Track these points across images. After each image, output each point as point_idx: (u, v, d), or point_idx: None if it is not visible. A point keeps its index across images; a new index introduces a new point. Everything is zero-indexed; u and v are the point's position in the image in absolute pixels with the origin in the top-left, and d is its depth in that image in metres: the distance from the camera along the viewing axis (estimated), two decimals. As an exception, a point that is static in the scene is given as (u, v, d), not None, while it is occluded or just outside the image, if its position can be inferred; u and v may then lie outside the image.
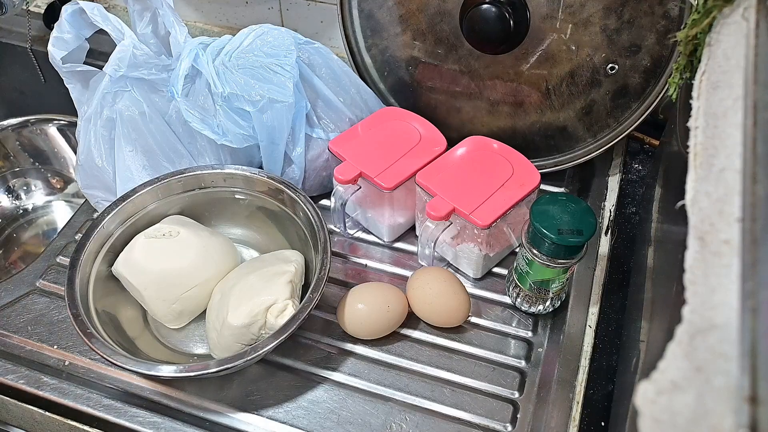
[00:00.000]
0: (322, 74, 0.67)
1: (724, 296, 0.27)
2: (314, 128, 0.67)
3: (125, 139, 0.63)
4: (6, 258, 0.83)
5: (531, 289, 0.59)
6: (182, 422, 0.55)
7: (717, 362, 0.25)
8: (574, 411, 0.55)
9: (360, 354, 0.60)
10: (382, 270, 0.67)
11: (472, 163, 0.63)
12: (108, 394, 0.57)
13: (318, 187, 0.71)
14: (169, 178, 0.62)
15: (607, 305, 0.65)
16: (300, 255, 0.61)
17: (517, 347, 0.60)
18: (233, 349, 0.55)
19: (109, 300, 0.59)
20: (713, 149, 0.34)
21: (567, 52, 0.63)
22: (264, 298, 0.55)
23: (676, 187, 0.40)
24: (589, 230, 0.53)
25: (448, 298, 0.59)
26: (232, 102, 0.62)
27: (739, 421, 0.23)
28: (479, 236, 0.60)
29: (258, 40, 0.64)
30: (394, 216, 0.66)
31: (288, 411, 0.56)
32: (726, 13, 0.40)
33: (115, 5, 0.96)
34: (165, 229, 0.60)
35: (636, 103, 0.64)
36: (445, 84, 0.70)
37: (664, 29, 0.58)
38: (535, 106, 0.68)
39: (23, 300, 0.63)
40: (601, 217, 0.69)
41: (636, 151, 0.79)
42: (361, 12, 0.69)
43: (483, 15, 0.60)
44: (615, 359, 0.62)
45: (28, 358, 0.59)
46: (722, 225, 0.30)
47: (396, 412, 0.56)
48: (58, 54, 0.63)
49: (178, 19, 0.62)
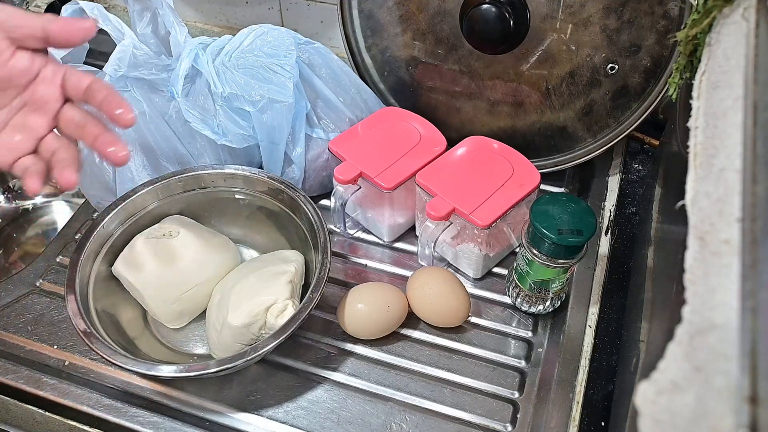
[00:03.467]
0: (322, 74, 0.67)
1: (724, 296, 0.27)
2: (314, 128, 0.67)
3: (125, 139, 0.63)
4: (6, 258, 0.83)
5: (531, 289, 0.59)
6: (182, 422, 0.55)
7: (717, 362, 0.25)
8: (574, 411, 0.55)
9: (360, 354, 0.60)
10: (382, 270, 0.67)
11: (472, 163, 0.63)
12: (108, 394, 0.57)
13: (318, 187, 0.71)
14: (169, 178, 0.62)
15: (607, 305, 0.65)
16: (300, 255, 0.61)
17: (517, 347, 0.60)
18: (233, 349, 0.55)
19: (109, 300, 0.59)
20: (713, 149, 0.34)
21: (567, 52, 0.62)
22: (264, 298, 0.55)
23: (676, 187, 0.40)
24: (589, 230, 0.53)
25: (448, 298, 0.59)
26: (232, 102, 0.62)
27: (739, 421, 0.23)
28: (479, 236, 0.60)
29: (258, 40, 0.64)
30: (394, 216, 0.66)
31: (288, 411, 0.56)
32: (726, 13, 0.40)
33: (115, 5, 0.96)
34: (165, 229, 0.60)
35: (636, 103, 0.64)
36: (445, 84, 0.70)
37: (664, 29, 0.58)
38: (535, 106, 0.68)
39: (23, 300, 0.63)
40: (601, 217, 0.69)
41: (636, 151, 0.79)
42: (361, 12, 0.69)
43: (483, 15, 0.60)
44: (615, 359, 0.62)
45: (28, 358, 0.59)
46: (722, 225, 0.30)
47: (396, 412, 0.56)
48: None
49: (178, 19, 0.62)
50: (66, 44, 0.46)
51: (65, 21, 0.45)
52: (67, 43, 0.46)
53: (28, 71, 0.46)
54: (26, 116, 0.47)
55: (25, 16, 0.45)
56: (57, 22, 0.45)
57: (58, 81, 0.47)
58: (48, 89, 0.47)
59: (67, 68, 0.48)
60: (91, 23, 0.46)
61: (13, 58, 0.45)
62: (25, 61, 0.46)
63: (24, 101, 0.47)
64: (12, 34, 0.44)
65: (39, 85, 0.47)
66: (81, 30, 0.46)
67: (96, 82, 0.47)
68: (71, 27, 0.45)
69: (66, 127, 0.48)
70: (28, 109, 0.47)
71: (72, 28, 0.45)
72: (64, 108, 0.48)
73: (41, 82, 0.47)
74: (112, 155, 0.46)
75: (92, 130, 0.47)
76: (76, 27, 0.45)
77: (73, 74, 0.48)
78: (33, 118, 0.47)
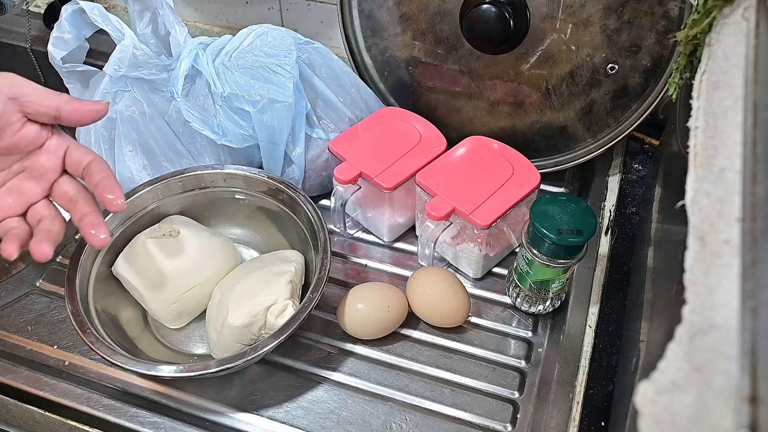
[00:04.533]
0: (322, 74, 0.67)
1: (724, 296, 0.27)
2: (314, 128, 0.67)
3: (125, 139, 0.63)
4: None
5: (531, 289, 0.59)
6: (182, 422, 0.55)
7: (717, 362, 0.25)
8: (574, 411, 0.55)
9: (360, 354, 0.60)
10: (382, 270, 0.67)
11: (472, 163, 0.63)
12: (108, 394, 0.57)
13: (318, 187, 0.71)
14: (169, 178, 0.62)
15: (607, 305, 0.64)
16: (300, 255, 0.61)
17: (517, 347, 0.60)
18: (233, 349, 0.55)
19: (109, 300, 0.59)
20: (713, 149, 0.34)
21: (567, 52, 0.62)
22: (264, 298, 0.55)
23: (676, 187, 0.40)
24: (589, 230, 0.53)
25: (448, 298, 0.59)
26: (232, 102, 0.62)
27: (739, 421, 0.23)
28: (479, 236, 0.60)
29: (258, 40, 0.64)
30: (394, 216, 0.66)
31: (288, 411, 0.56)
32: (726, 13, 0.40)
33: (115, 5, 0.96)
34: (165, 229, 0.60)
35: (636, 103, 0.64)
36: (445, 84, 0.70)
37: (664, 29, 0.58)
38: (535, 106, 0.68)
39: (23, 300, 0.63)
40: (601, 217, 0.69)
41: (636, 151, 0.79)
42: (361, 12, 0.69)
43: (483, 15, 0.60)
44: (615, 359, 0.62)
45: (28, 358, 0.59)
46: (722, 225, 0.30)
47: (396, 412, 0.56)
48: (58, 54, 0.63)
49: (178, 19, 0.62)
50: (76, 124, 0.48)
51: (79, 104, 0.47)
52: (77, 123, 0.48)
53: (34, 141, 0.48)
54: (23, 181, 0.48)
55: (43, 95, 0.46)
56: (71, 104, 0.47)
57: (60, 153, 0.49)
58: (49, 160, 0.48)
59: (71, 142, 0.49)
60: (104, 106, 0.48)
61: (23, 129, 0.47)
62: (33, 133, 0.47)
63: (24, 167, 0.48)
64: (27, 109, 0.46)
65: (42, 154, 0.48)
66: (92, 113, 0.48)
67: (96, 163, 0.48)
68: (84, 109, 0.47)
69: (58, 199, 0.49)
70: (26, 174, 0.48)
71: (84, 110, 0.47)
72: (61, 179, 0.49)
73: (44, 152, 0.48)
74: (93, 237, 0.47)
75: (82, 208, 0.48)
76: (88, 110, 0.47)
77: (76, 150, 0.49)
78: (29, 184, 0.48)
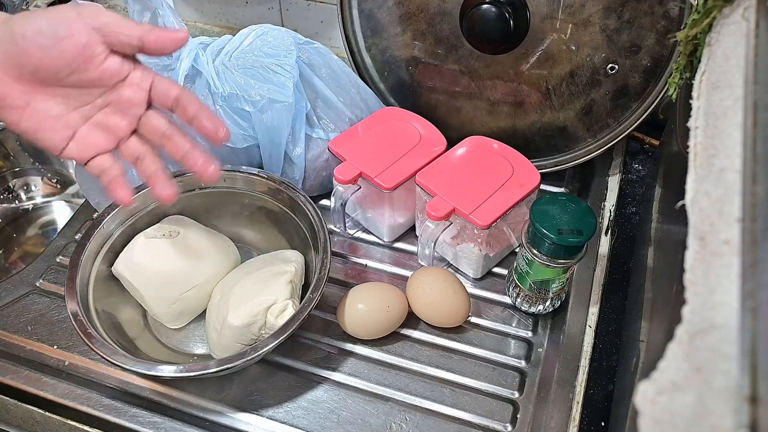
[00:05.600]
0: (322, 74, 0.67)
1: (724, 296, 0.27)
2: (314, 128, 0.67)
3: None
4: (6, 258, 0.83)
5: (531, 289, 0.59)
6: (182, 422, 0.55)
7: (717, 362, 0.25)
8: (574, 411, 0.55)
9: (360, 354, 0.60)
10: (382, 270, 0.67)
11: (472, 163, 0.63)
12: (108, 394, 0.57)
13: (318, 187, 0.71)
14: (169, 178, 0.62)
15: (607, 305, 0.65)
16: (300, 255, 0.61)
17: (517, 347, 0.60)
18: (233, 349, 0.55)
19: (109, 300, 0.59)
20: (713, 149, 0.34)
21: (567, 52, 0.63)
22: (264, 298, 0.55)
23: (676, 187, 0.40)
24: (589, 230, 0.53)
25: (448, 298, 0.59)
26: (232, 102, 0.62)
27: (739, 421, 0.23)
28: (479, 236, 0.60)
29: (258, 40, 0.64)
30: (394, 216, 0.66)
31: (288, 411, 0.56)
32: (726, 13, 0.40)
33: (115, 5, 0.96)
34: (165, 229, 0.60)
35: (636, 103, 0.64)
36: (445, 84, 0.70)
37: (664, 29, 0.58)
38: (535, 106, 0.68)
39: (23, 300, 0.63)
40: (601, 217, 0.69)
41: (636, 151, 0.79)
42: (361, 12, 0.69)
43: (483, 15, 0.60)
44: (615, 359, 0.62)
45: (28, 358, 0.59)
46: (722, 225, 0.30)
47: (396, 412, 0.56)
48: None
49: (178, 19, 0.62)
50: (158, 54, 0.47)
51: (161, 33, 0.46)
52: (159, 52, 0.47)
53: (118, 74, 0.46)
54: (107, 115, 0.47)
55: (126, 24, 0.45)
56: (154, 32, 0.45)
57: (146, 86, 0.48)
58: (134, 93, 0.47)
59: (155, 75, 0.48)
60: (185, 34, 0.47)
61: (106, 61, 0.45)
62: (116, 65, 0.46)
63: (108, 101, 0.47)
64: (109, 39, 0.45)
65: (126, 87, 0.47)
66: (174, 40, 0.46)
67: (185, 94, 0.47)
68: (167, 37, 0.46)
69: (149, 134, 0.48)
70: (110, 108, 0.47)
71: (167, 38, 0.46)
72: (149, 113, 0.48)
73: (129, 85, 0.47)
74: (205, 170, 0.46)
75: (179, 143, 0.47)
76: (170, 37, 0.46)
77: (162, 82, 0.48)
78: (114, 118, 0.47)
